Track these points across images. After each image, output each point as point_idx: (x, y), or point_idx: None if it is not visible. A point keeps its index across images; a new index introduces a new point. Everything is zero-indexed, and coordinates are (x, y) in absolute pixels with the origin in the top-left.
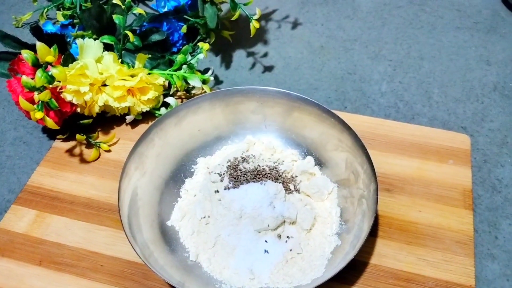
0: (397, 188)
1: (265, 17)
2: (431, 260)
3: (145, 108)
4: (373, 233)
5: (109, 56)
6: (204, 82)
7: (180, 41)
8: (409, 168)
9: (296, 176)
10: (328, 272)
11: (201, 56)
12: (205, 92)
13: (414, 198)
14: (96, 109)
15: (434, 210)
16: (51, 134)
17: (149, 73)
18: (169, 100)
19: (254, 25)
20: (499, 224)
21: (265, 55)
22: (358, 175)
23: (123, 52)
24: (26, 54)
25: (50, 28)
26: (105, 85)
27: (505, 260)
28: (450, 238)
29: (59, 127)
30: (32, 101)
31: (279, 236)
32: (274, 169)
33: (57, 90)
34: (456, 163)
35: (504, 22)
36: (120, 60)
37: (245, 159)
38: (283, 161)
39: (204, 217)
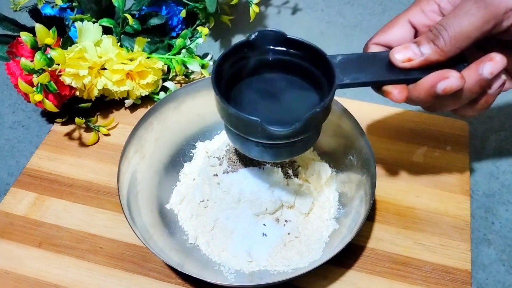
0: (395, 173)
1: (265, 2)
2: (428, 245)
3: (144, 92)
4: (371, 217)
5: (108, 40)
6: (203, 66)
7: (179, 26)
8: (407, 153)
9: (294, 161)
10: (325, 255)
11: (200, 40)
12: (204, 77)
13: (412, 183)
14: (95, 93)
15: (431, 196)
16: (50, 118)
17: (148, 57)
18: (168, 84)
19: (253, 9)
20: (495, 210)
21: None
22: (356, 161)
23: (122, 35)
24: (25, 36)
25: (48, 11)
26: (104, 69)
27: (501, 246)
28: (447, 223)
29: (58, 110)
30: (31, 84)
31: (277, 220)
32: None
33: (56, 73)
34: (454, 149)
35: None
36: (119, 44)
37: None
38: None
39: (203, 201)
